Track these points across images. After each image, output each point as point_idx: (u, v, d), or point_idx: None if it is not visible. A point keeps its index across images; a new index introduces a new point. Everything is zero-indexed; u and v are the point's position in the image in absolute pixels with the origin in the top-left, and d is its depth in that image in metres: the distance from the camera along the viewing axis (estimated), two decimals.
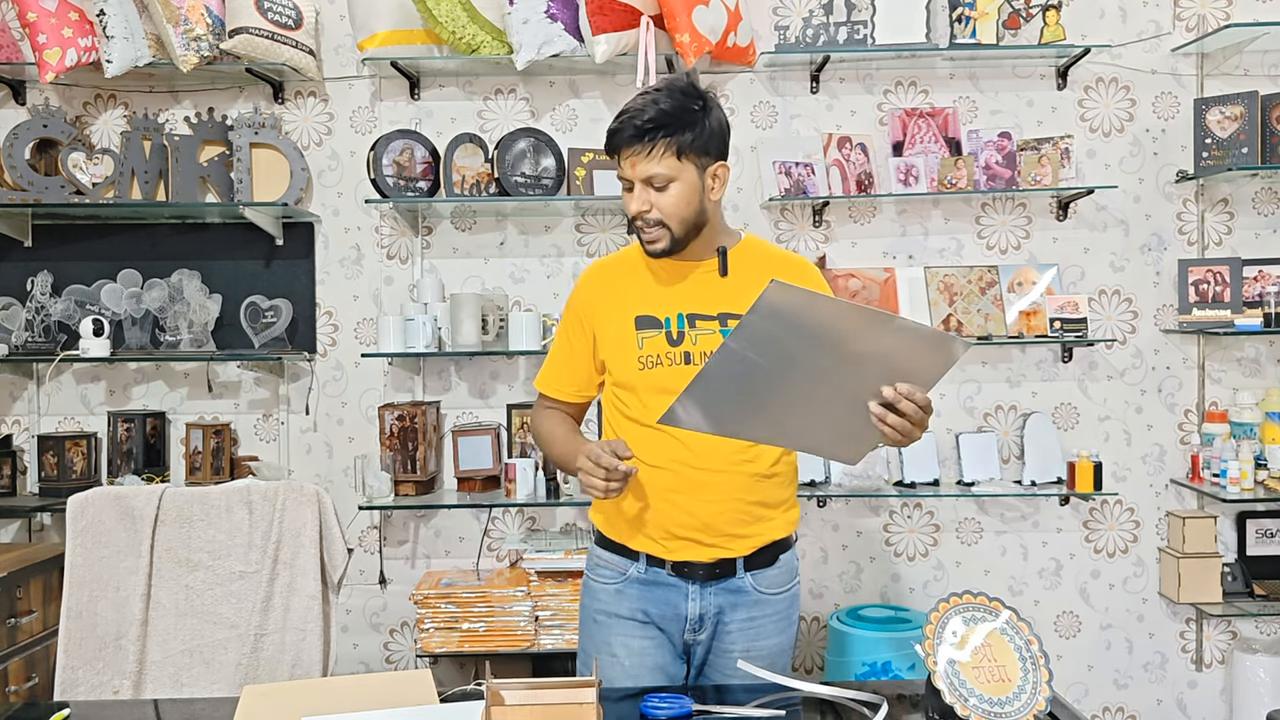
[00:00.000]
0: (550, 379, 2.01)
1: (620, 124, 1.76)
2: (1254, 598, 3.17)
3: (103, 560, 2.19)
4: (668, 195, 1.76)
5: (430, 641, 2.98)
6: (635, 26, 2.99)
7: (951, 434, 3.27)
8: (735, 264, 1.85)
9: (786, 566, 1.91)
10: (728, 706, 1.59)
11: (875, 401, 1.53)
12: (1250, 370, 3.27)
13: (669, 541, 1.84)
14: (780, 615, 1.90)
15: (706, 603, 1.85)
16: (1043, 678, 1.47)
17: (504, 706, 1.42)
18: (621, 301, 1.88)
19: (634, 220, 1.80)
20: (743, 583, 1.86)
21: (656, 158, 1.74)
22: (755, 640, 1.86)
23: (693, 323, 1.82)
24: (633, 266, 1.91)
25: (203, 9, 3.05)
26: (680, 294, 1.84)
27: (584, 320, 1.92)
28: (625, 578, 1.89)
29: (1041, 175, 3.12)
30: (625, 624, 1.88)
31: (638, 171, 1.76)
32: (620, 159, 1.78)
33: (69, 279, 3.23)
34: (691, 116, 1.75)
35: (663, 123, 1.73)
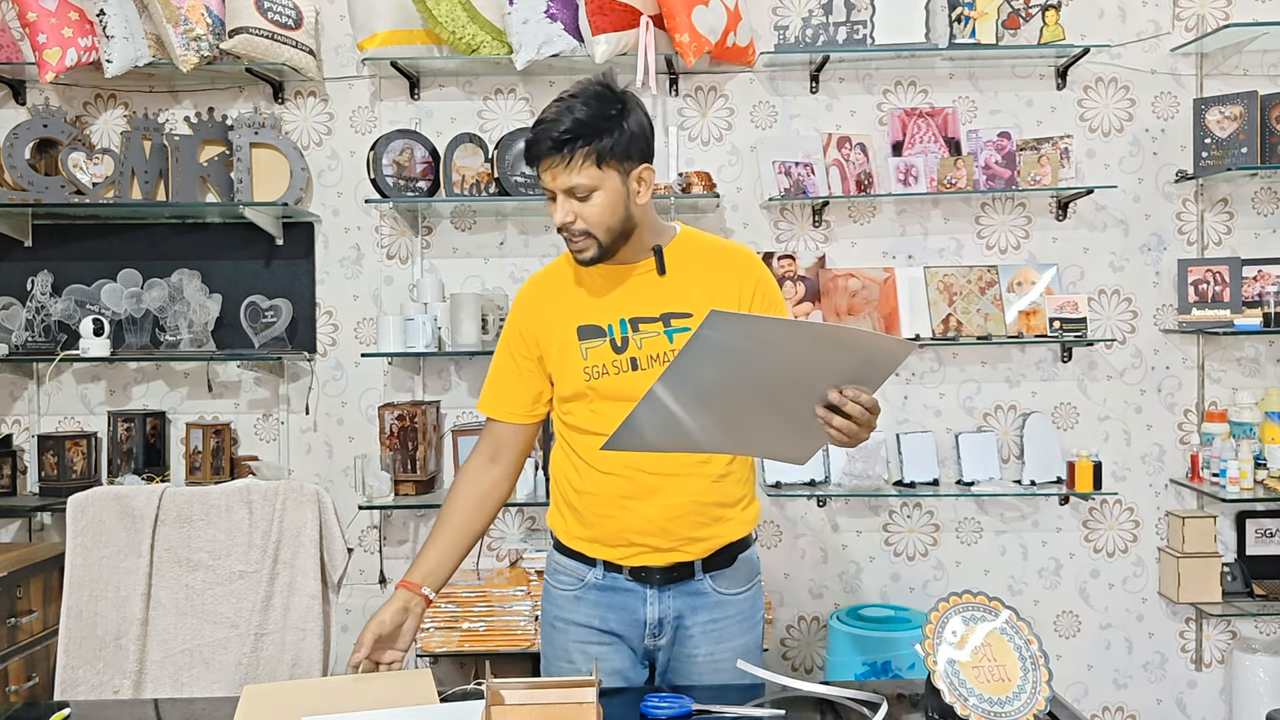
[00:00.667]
0: (494, 401, 1.92)
1: (536, 135, 1.70)
2: (1253, 597, 3.17)
3: (103, 560, 2.19)
4: (591, 205, 1.71)
5: (430, 641, 2.98)
6: (635, 26, 2.99)
7: (951, 434, 3.27)
8: (673, 260, 1.81)
9: (746, 565, 1.88)
10: (728, 706, 1.59)
11: (820, 404, 1.51)
12: (1250, 370, 3.27)
13: (625, 548, 1.80)
14: (743, 616, 1.86)
15: (665, 607, 1.81)
16: (1042, 677, 1.47)
17: (504, 706, 1.42)
18: (562, 314, 1.83)
19: (559, 230, 1.76)
20: (702, 585, 1.82)
21: (576, 168, 1.68)
22: (720, 643, 1.83)
23: (636, 326, 1.78)
24: (569, 277, 1.86)
25: (203, 9, 3.05)
26: (620, 299, 1.80)
27: (526, 338, 1.87)
28: (583, 584, 1.85)
29: (1041, 175, 3.12)
30: (583, 631, 1.84)
31: (558, 183, 1.70)
32: (540, 170, 1.72)
33: (69, 279, 3.23)
34: (609, 122, 1.69)
35: (579, 132, 1.67)
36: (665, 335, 1.77)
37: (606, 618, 1.83)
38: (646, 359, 1.76)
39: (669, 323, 1.77)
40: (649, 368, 1.75)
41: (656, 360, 1.75)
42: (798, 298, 3.21)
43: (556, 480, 1.90)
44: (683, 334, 1.75)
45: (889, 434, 3.27)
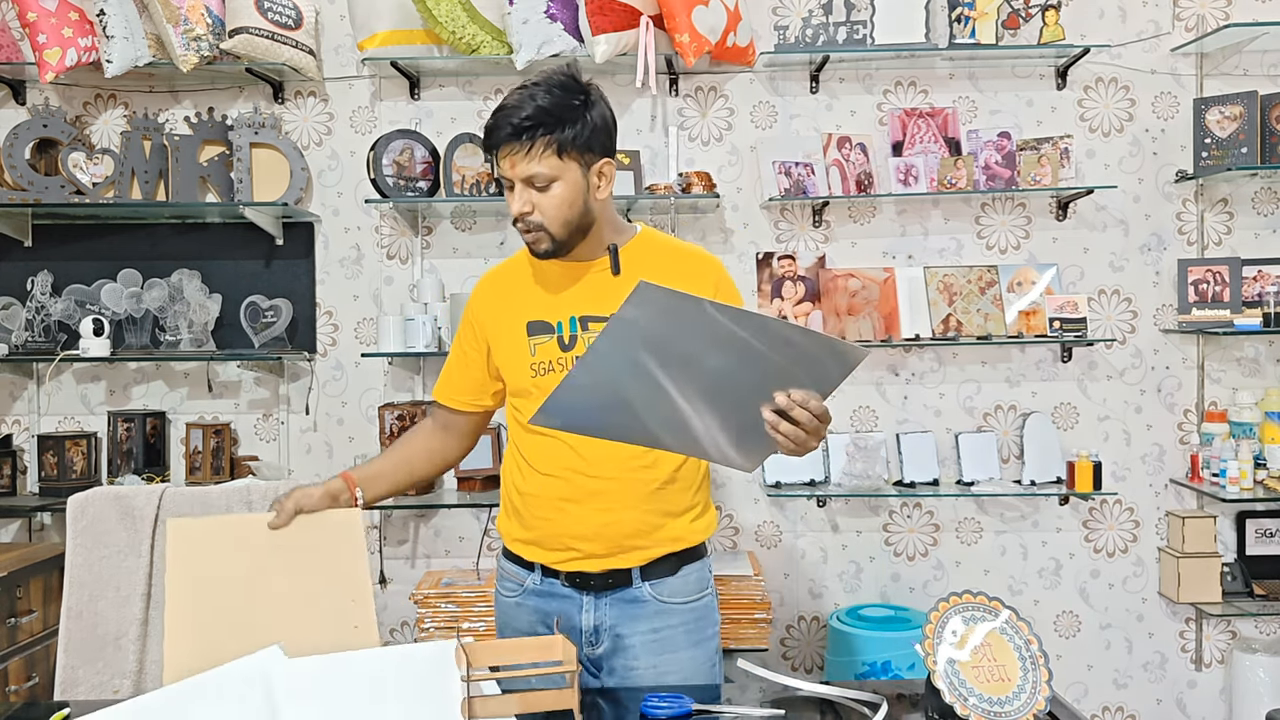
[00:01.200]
0: (444, 387, 1.94)
1: (496, 121, 1.67)
2: (1253, 597, 3.17)
3: (103, 560, 2.19)
4: (549, 196, 1.67)
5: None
6: (635, 26, 2.99)
7: (951, 434, 3.27)
8: (630, 261, 1.76)
9: (695, 576, 1.81)
10: (728, 706, 1.59)
11: (768, 408, 1.45)
12: (1250, 370, 3.27)
13: (563, 552, 1.77)
14: (690, 626, 1.79)
15: (601, 614, 1.77)
16: (1042, 677, 1.47)
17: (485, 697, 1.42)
18: (513, 308, 1.81)
19: (514, 222, 1.73)
20: (640, 592, 1.77)
21: (536, 157, 1.65)
22: (663, 653, 1.76)
23: (585, 325, 1.75)
24: (525, 271, 1.84)
25: (203, 9, 3.05)
26: (572, 297, 1.77)
27: (477, 329, 1.87)
28: (523, 589, 1.83)
29: (1041, 175, 3.12)
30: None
31: (517, 171, 1.67)
32: (498, 158, 1.69)
33: (69, 279, 3.23)
34: (572, 113, 1.66)
35: (541, 120, 1.64)
36: None
37: (548, 624, 1.78)
38: None
39: None
40: None
41: None
42: (798, 298, 3.21)
43: (504, 481, 1.88)
44: None
45: (889, 434, 3.27)
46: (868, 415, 3.29)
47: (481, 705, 1.41)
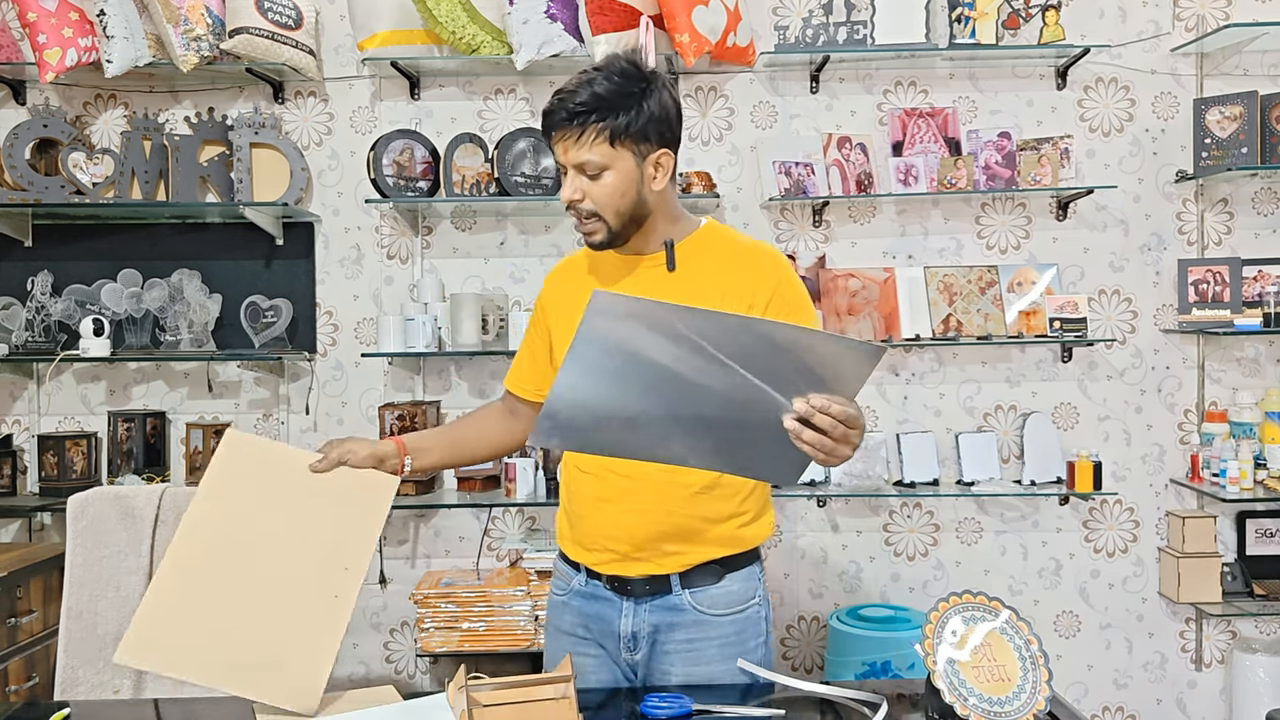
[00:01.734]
0: (514, 375, 1.93)
1: (551, 105, 1.64)
2: (1254, 597, 3.17)
3: (103, 560, 2.19)
4: (601, 184, 1.64)
5: (430, 641, 2.98)
6: (635, 26, 2.99)
7: (951, 434, 3.27)
8: (686, 256, 1.73)
9: (739, 587, 1.74)
10: (728, 706, 1.59)
11: (789, 416, 1.39)
12: (1250, 370, 3.27)
13: (601, 553, 1.74)
14: (727, 641, 1.72)
15: (640, 620, 1.73)
16: (1042, 677, 1.47)
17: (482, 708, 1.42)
18: (573, 299, 1.77)
19: (568, 210, 1.69)
20: (679, 600, 1.72)
21: (587, 144, 1.62)
22: (695, 665, 1.71)
23: None
24: (589, 263, 1.83)
25: (203, 9, 3.05)
26: (630, 289, 1.72)
27: (544, 319, 1.86)
28: (569, 590, 1.81)
29: (1041, 175, 3.12)
30: (567, 639, 1.79)
31: (569, 157, 1.64)
32: (552, 143, 1.66)
33: (69, 279, 3.23)
34: (628, 100, 1.62)
35: (594, 106, 1.60)
36: None
37: (589, 627, 1.78)
38: None
39: None
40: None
41: None
42: None
43: (561, 479, 1.88)
44: None
45: (889, 434, 3.27)
46: (868, 415, 3.28)
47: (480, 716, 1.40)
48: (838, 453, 1.43)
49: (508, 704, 1.43)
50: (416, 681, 3.30)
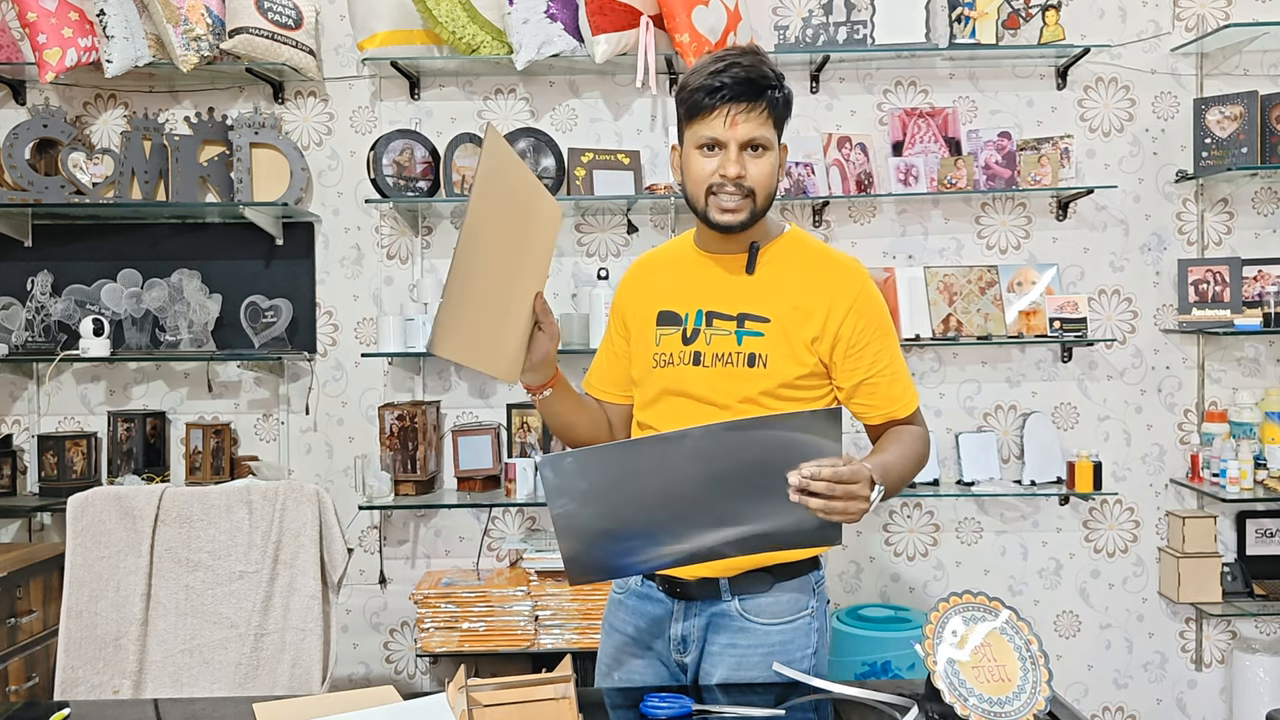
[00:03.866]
0: (593, 377, 1.90)
1: (721, 79, 1.56)
2: (1254, 597, 3.17)
3: (103, 560, 2.19)
4: (762, 162, 1.60)
5: (430, 641, 2.98)
6: (635, 26, 2.99)
7: (951, 434, 3.27)
8: (768, 261, 1.70)
9: (791, 596, 1.70)
10: (728, 707, 1.59)
11: (791, 491, 1.40)
12: (1250, 370, 3.27)
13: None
14: (772, 650, 1.68)
15: (690, 624, 1.72)
16: (1043, 677, 1.47)
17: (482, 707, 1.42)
18: (651, 297, 1.76)
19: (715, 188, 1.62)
20: (728, 606, 1.70)
21: (764, 119, 1.58)
22: (736, 670, 1.68)
23: (710, 321, 1.68)
24: (669, 260, 1.80)
25: (203, 9, 3.05)
26: (704, 290, 1.71)
27: (621, 318, 1.83)
28: (627, 589, 1.80)
29: (1041, 175, 3.12)
30: (620, 638, 1.79)
31: (739, 132, 1.57)
32: (723, 118, 1.57)
33: (69, 279, 3.23)
34: (785, 90, 1.61)
35: (775, 83, 1.58)
36: (735, 336, 1.66)
37: (640, 627, 1.77)
38: (711, 356, 1.67)
39: (743, 324, 1.67)
40: (712, 366, 1.67)
41: (721, 360, 1.66)
42: None
43: None
44: (754, 338, 1.66)
45: None
46: None
47: (480, 716, 1.40)
48: (851, 509, 1.43)
49: (508, 704, 1.43)
50: (416, 681, 3.30)
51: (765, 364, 1.65)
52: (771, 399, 1.65)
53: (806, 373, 1.66)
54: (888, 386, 1.69)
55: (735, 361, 1.66)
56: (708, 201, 1.64)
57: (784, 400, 1.66)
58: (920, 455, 1.69)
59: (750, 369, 1.65)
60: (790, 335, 1.65)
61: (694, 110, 1.60)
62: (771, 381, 1.64)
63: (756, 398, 1.65)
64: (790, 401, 1.66)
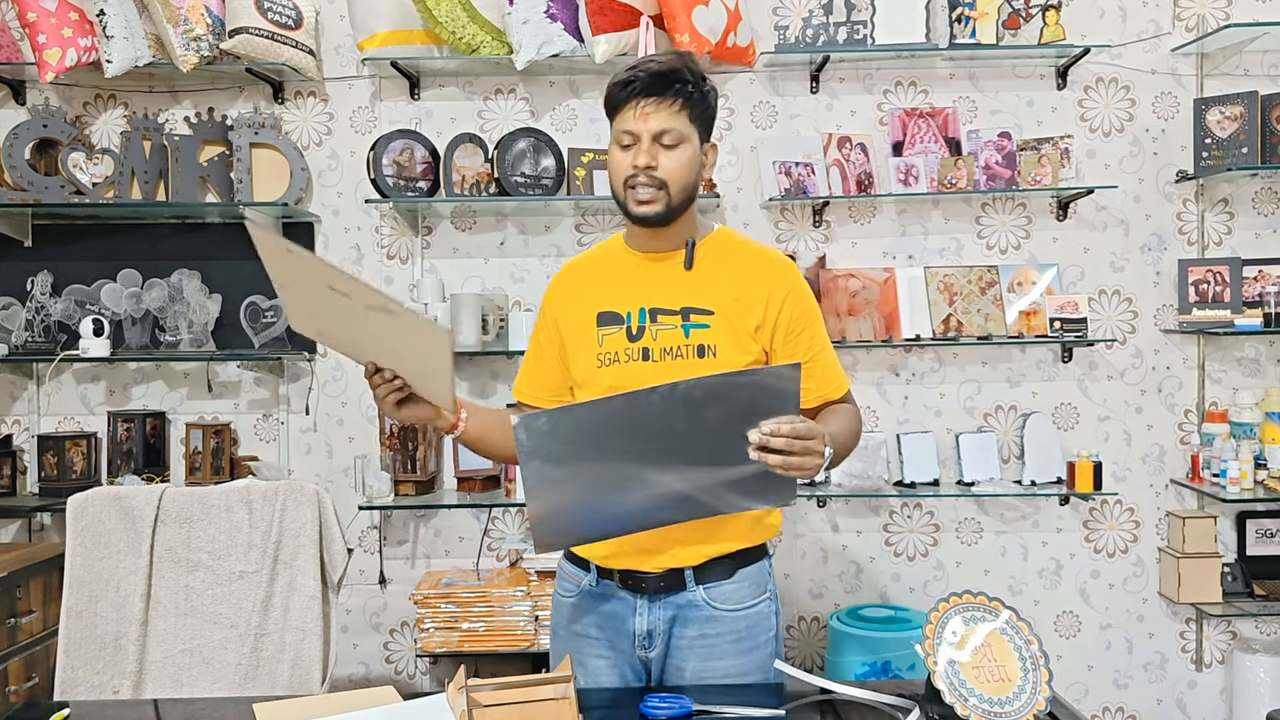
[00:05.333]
0: (523, 385, 1.92)
1: (634, 74, 1.66)
2: (1254, 598, 3.17)
3: (103, 560, 2.19)
4: (676, 155, 1.68)
5: (430, 641, 2.98)
6: (635, 26, 2.99)
7: (951, 434, 3.27)
8: (703, 257, 1.76)
9: (751, 581, 1.77)
10: (728, 707, 1.59)
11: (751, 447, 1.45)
12: (1250, 370, 3.27)
13: (615, 548, 1.74)
14: (739, 636, 1.74)
15: (655, 617, 1.74)
16: (1043, 678, 1.47)
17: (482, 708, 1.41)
18: (587, 299, 1.80)
19: (630, 180, 1.68)
20: (694, 596, 1.73)
21: (674, 111, 1.66)
22: (708, 660, 1.72)
23: (654, 317, 1.73)
24: (600, 264, 1.84)
25: (203, 9, 3.05)
26: (643, 288, 1.75)
27: (549, 323, 1.86)
28: (579, 590, 1.80)
29: (1041, 175, 3.12)
30: (580, 640, 1.79)
31: (650, 124, 1.66)
32: (632, 110, 1.66)
33: (69, 279, 3.23)
34: (703, 86, 1.70)
35: (684, 78, 1.66)
36: (682, 330, 1.72)
37: (601, 626, 1.78)
38: (660, 351, 1.71)
39: (688, 317, 1.72)
40: (661, 360, 1.71)
41: (670, 353, 1.71)
42: None
43: None
44: (701, 330, 1.71)
45: (889, 434, 3.26)
46: (868, 415, 3.28)
47: (480, 716, 1.40)
48: (808, 465, 1.50)
49: (508, 704, 1.43)
50: (416, 682, 3.30)
51: (715, 354, 1.71)
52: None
53: (751, 360, 1.73)
54: (823, 369, 1.78)
55: (685, 354, 1.71)
56: (626, 194, 1.71)
57: None
58: (856, 431, 1.77)
59: (701, 359, 1.70)
60: (735, 325, 1.72)
61: (611, 107, 1.70)
62: (720, 369, 1.69)
63: None
64: None
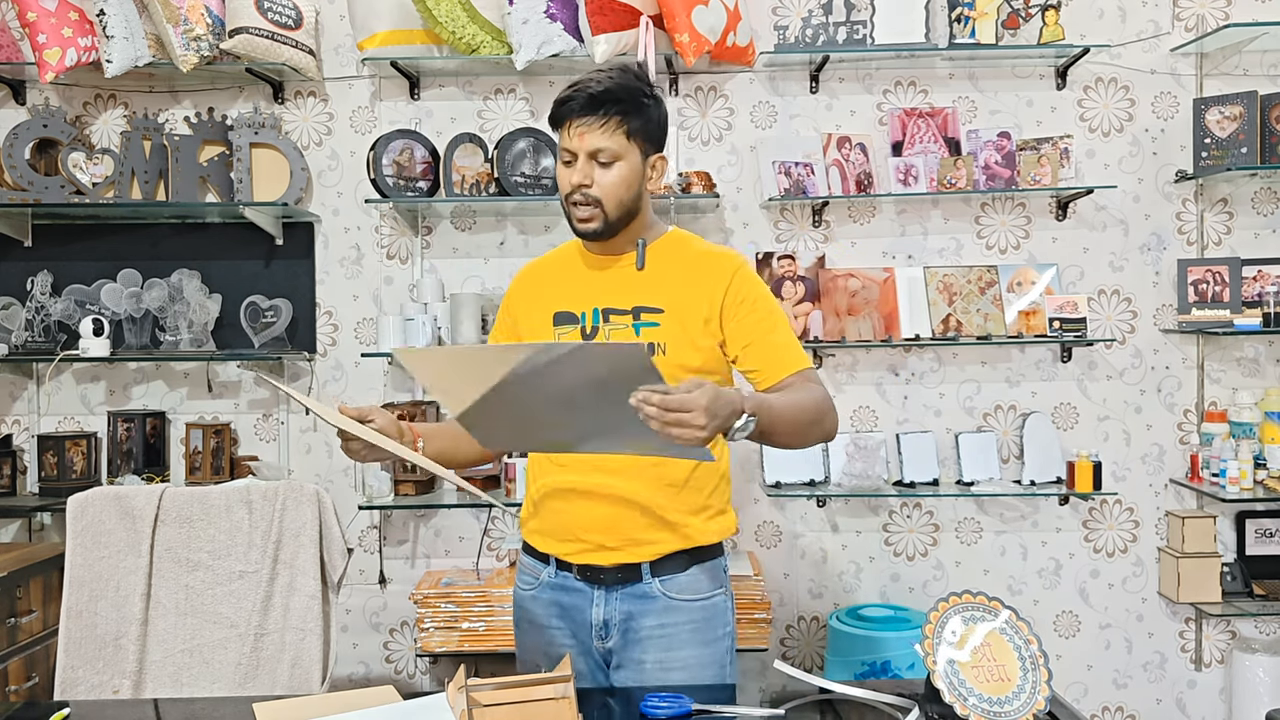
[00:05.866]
0: None
1: (573, 93, 1.71)
2: (1253, 597, 3.17)
3: (103, 560, 2.19)
4: (611, 173, 1.72)
5: (430, 641, 2.98)
6: (635, 26, 2.99)
7: (951, 434, 3.27)
8: (654, 258, 1.81)
9: (707, 576, 1.82)
10: (728, 706, 1.59)
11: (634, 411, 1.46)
12: (1249, 370, 3.27)
13: (574, 543, 1.79)
14: (698, 625, 1.79)
15: (612, 608, 1.79)
16: (1042, 677, 1.47)
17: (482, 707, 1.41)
18: (544, 300, 1.86)
19: (569, 196, 1.74)
20: (650, 588, 1.78)
21: (609, 131, 1.70)
22: (669, 650, 1.77)
23: (607, 317, 1.78)
24: (558, 266, 1.90)
25: (203, 9, 3.05)
26: (597, 289, 1.81)
27: (512, 320, 1.92)
28: (539, 583, 1.86)
29: (1041, 175, 3.12)
30: (542, 631, 1.84)
31: (585, 143, 1.71)
32: (568, 129, 1.72)
33: (69, 279, 3.23)
34: (644, 101, 1.73)
35: (619, 97, 1.70)
36: (633, 328, 1.77)
37: (561, 617, 1.83)
38: None
39: (638, 315, 1.77)
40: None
41: None
42: (797, 298, 3.21)
43: (527, 475, 1.93)
44: (650, 328, 1.76)
45: (889, 434, 3.26)
46: (867, 415, 3.29)
47: (480, 716, 1.40)
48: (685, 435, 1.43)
49: (507, 704, 1.43)
50: (416, 681, 3.31)
51: (664, 351, 1.75)
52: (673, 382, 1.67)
53: (703, 360, 1.76)
54: (770, 350, 1.77)
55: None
56: (568, 209, 1.77)
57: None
58: (811, 406, 1.71)
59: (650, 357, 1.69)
60: (685, 323, 1.76)
61: (553, 123, 1.76)
62: (671, 365, 1.72)
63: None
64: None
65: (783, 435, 1.67)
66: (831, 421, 1.75)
